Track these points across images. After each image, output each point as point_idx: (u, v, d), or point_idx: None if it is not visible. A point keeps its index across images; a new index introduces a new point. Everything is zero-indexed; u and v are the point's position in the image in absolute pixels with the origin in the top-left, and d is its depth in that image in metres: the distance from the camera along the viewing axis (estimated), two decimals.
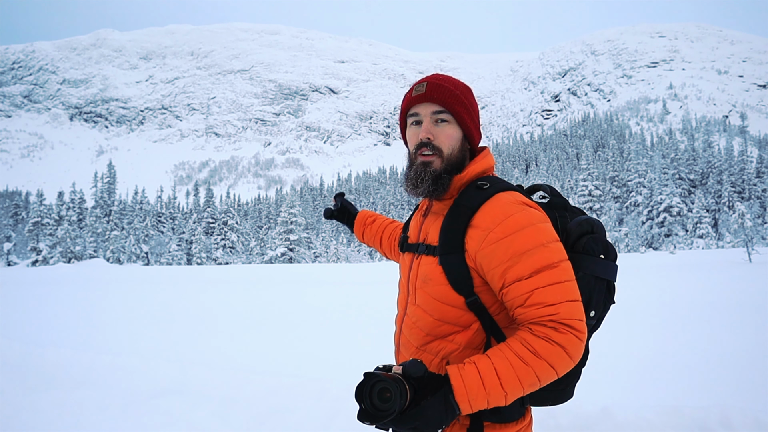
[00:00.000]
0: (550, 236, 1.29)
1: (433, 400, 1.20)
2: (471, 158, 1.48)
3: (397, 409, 1.17)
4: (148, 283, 16.16)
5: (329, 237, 61.87)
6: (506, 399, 1.22)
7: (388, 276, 16.78)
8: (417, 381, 1.22)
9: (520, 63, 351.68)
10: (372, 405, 1.20)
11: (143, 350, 6.00)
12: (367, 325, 7.59)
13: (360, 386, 1.21)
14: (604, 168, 69.88)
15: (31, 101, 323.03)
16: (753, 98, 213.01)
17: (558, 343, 1.20)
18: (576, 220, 1.41)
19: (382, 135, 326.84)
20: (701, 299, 9.01)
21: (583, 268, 1.35)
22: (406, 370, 1.21)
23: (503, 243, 1.27)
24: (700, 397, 3.95)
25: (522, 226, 1.28)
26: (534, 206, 1.35)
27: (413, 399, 1.21)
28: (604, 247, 1.39)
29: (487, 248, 1.29)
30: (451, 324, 1.37)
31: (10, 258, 44.12)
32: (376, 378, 1.19)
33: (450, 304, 1.36)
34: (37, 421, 3.94)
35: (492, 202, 1.34)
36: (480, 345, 1.35)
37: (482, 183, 1.39)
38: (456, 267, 1.35)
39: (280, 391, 4.10)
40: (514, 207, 1.31)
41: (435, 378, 1.25)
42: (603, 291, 1.38)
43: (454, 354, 1.36)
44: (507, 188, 1.38)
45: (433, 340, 1.39)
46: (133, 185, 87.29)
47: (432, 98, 1.41)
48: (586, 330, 1.24)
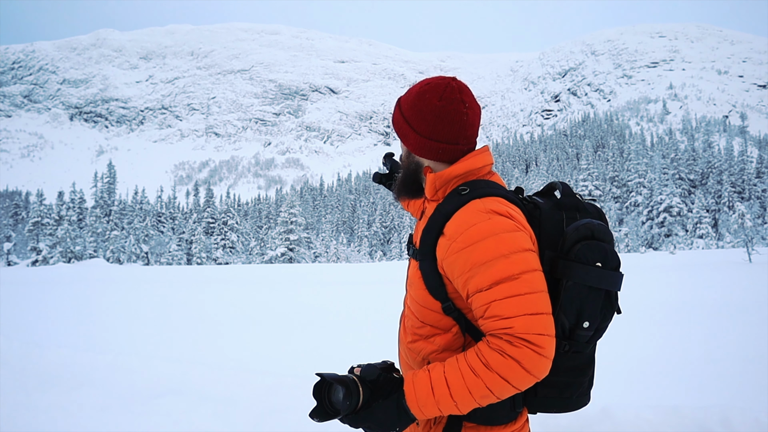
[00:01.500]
0: (514, 247, 1.24)
1: (384, 402, 1.25)
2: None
3: (348, 408, 1.23)
4: (148, 283, 16.15)
5: (329, 237, 61.88)
6: (458, 408, 1.23)
7: (387, 276, 16.77)
8: (372, 383, 1.26)
9: (520, 63, 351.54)
10: (329, 403, 1.28)
11: (143, 350, 6.00)
12: (367, 325, 7.59)
13: (318, 385, 1.28)
14: (604, 168, 69.87)
15: (31, 101, 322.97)
16: (753, 98, 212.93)
17: (511, 356, 1.18)
18: (573, 225, 1.35)
19: (382, 135, 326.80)
20: (701, 299, 9.01)
21: (573, 276, 1.29)
22: (363, 372, 1.27)
23: (464, 253, 1.26)
24: (700, 397, 3.95)
25: (483, 236, 1.25)
26: (506, 214, 1.29)
27: (367, 400, 1.25)
28: (602, 254, 1.32)
29: (450, 257, 1.29)
30: (432, 326, 1.39)
31: (10, 258, 44.13)
32: (331, 378, 1.26)
33: (429, 307, 1.39)
34: (37, 421, 3.94)
35: (462, 210, 1.32)
36: (459, 348, 1.36)
37: (463, 188, 1.37)
38: (430, 273, 1.36)
39: (280, 391, 4.10)
40: (478, 216, 1.28)
41: (392, 381, 1.28)
42: (599, 301, 1.32)
43: (433, 355, 1.38)
44: (486, 194, 1.34)
45: (418, 340, 1.43)
46: (133, 185, 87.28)
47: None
48: (548, 344, 1.20)
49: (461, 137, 1.42)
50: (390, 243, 69.78)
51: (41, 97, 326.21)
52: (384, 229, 72.94)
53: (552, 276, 1.32)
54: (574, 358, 1.34)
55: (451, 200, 1.37)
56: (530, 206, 1.41)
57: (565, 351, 1.32)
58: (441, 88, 1.41)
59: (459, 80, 1.46)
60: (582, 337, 1.32)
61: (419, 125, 1.41)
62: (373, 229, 72.74)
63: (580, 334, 1.32)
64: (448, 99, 1.40)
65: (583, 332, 1.32)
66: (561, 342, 1.31)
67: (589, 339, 1.34)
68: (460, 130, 1.41)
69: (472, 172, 1.41)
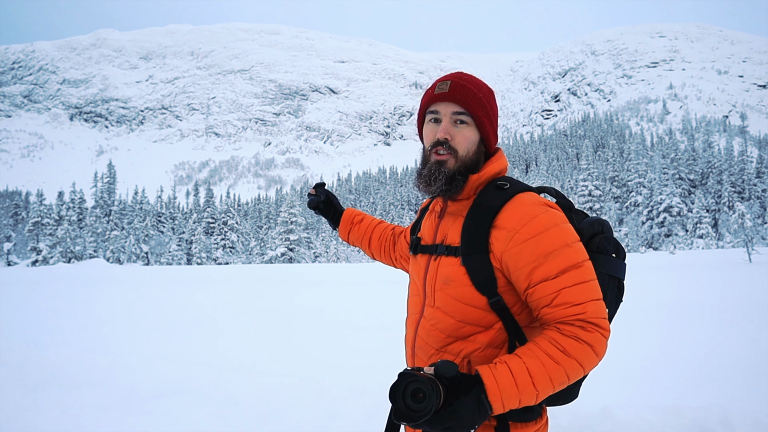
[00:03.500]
0: (573, 236, 1.32)
1: (466, 399, 1.20)
2: (486, 159, 1.48)
3: (432, 409, 1.17)
4: (148, 283, 16.16)
5: (329, 237, 61.87)
6: (537, 398, 1.23)
7: (387, 276, 16.77)
8: (449, 381, 1.21)
9: (520, 63, 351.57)
10: (405, 405, 1.20)
11: (143, 350, 6.00)
12: (367, 325, 7.59)
13: (394, 386, 1.21)
14: (604, 168, 69.88)
15: (31, 101, 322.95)
16: (753, 98, 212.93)
17: (586, 341, 1.23)
18: (587, 220, 1.43)
19: (382, 135, 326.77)
20: (701, 299, 9.01)
21: (599, 266, 1.37)
22: (439, 370, 1.21)
23: (529, 243, 1.29)
24: (700, 397, 3.95)
25: (547, 226, 1.30)
26: (555, 207, 1.37)
27: (446, 399, 1.20)
28: (615, 246, 1.42)
29: (514, 249, 1.30)
30: (473, 325, 1.37)
31: (10, 258, 44.13)
32: (410, 378, 1.19)
33: (472, 305, 1.36)
34: (37, 421, 3.94)
35: (515, 203, 1.35)
36: (501, 344, 1.36)
37: (502, 183, 1.40)
38: (480, 267, 1.35)
39: (280, 391, 4.10)
40: (538, 208, 1.33)
41: (466, 378, 1.24)
42: (615, 289, 1.42)
43: (475, 353, 1.36)
44: (527, 189, 1.40)
45: (453, 342, 1.39)
46: (133, 185, 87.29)
47: (454, 98, 1.40)
48: (609, 328, 1.27)
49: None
50: None
51: (41, 97, 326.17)
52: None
53: None
54: None
55: (494, 195, 1.38)
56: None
57: None
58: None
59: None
60: None
61: (495, 118, 1.47)
62: None
63: None
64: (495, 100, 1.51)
65: None
66: None
67: None
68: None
69: (503, 170, 1.47)
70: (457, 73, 1.46)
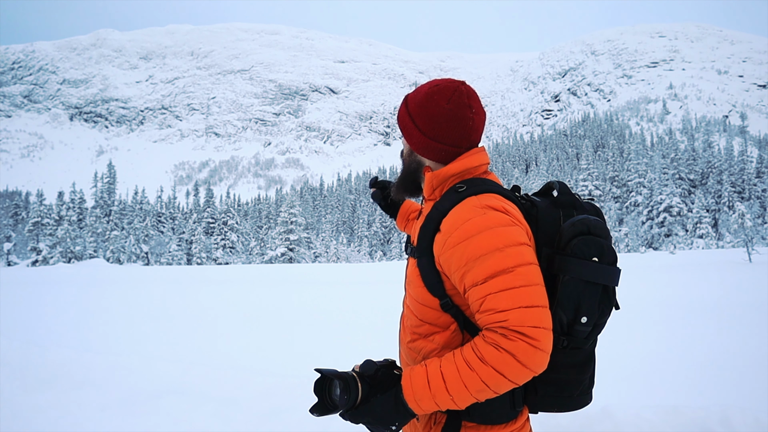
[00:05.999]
0: (509, 240, 1.25)
1: (383, 397, 1.26)
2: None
3: (348, 403, 1.25)
4: (148, 283, 16.15)
5: (329, 237, 61.86)
6: (454, 402, 1.23)
7: (387, 276, 16.77)
8: (370, 379, 1.28)
9: (520, 63, 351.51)
10: (330, 399, 1.31)
11: (143, 350, 5.99)
12: (368, 325, 7.58)
13: (318, 381, 1.31)
14: (604, 168, 69.88)
15: (31, 101, 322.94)
16: (753, 98, 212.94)
17: (506, 350, 1.18)
18: (570, 220, 1.36)
19: (382, 135, 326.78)
20: (701, 299, 9.01)
21: (569, 271, 1.30)
22: (361, 368, 1.29)
23: (459, 248, 1.27)
24: (700, 397, 3.95)
25: (478, 230, 1.26)
26: (501, 209, 1.31)
27: (366, 395, 1.27)
28: (599, 249, 1.32)
29: (446, 252, 1.30)
30: (431, 324, 1.40)
31: (10, 258, 44.10)
32: (331, 374, 1.28)
33: (428, 305, 1.40)
34: (37, 421, 3.94)
35: (458, 206, 1.33)
36: (458, 345, 1.37)
37: (460, 186, 1.39)
38: (428, 270, 1.38)
39: (280, 391, 4.10)
40: (473, 211, 1.30)
41: (391, 377, 1.30)
42: (596, 296, 1.32)
43: (433, 353, 1.39)
44: (482, 191, 1.36)
45: (417, 339, 1.44)
46: (133, 185, 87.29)
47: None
48: (544, 337, 1.19)
49: (464, 141, 1.44)
50: (390, 243, 69.83)
51: (41, 97, 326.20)
52: (384, 229, 72.97)
53: (549, 272, 1.33)
54: (573, 354, 1.34)
55: (447, 198, 1.39)
56: (527, 204, 1.42)
57: (563, 347, 1.32)
58: (450, 91, 1.43)
59: (468, 85, 1.47)
60: (580, 332, 1.33)
61: (425, 125, 1.43)
62: (373, 229, 72.79)
63: (579, 330, 1.32)
64: (455, 103, 1.42)
65: (582, 327, 1.32)
66: (559, 337, 1.31)
67: (587, 334, 1.35)
68: (464, 134, 1.43)
69: (469, 170, 1.43)
70: (414, 90, 1.52)
